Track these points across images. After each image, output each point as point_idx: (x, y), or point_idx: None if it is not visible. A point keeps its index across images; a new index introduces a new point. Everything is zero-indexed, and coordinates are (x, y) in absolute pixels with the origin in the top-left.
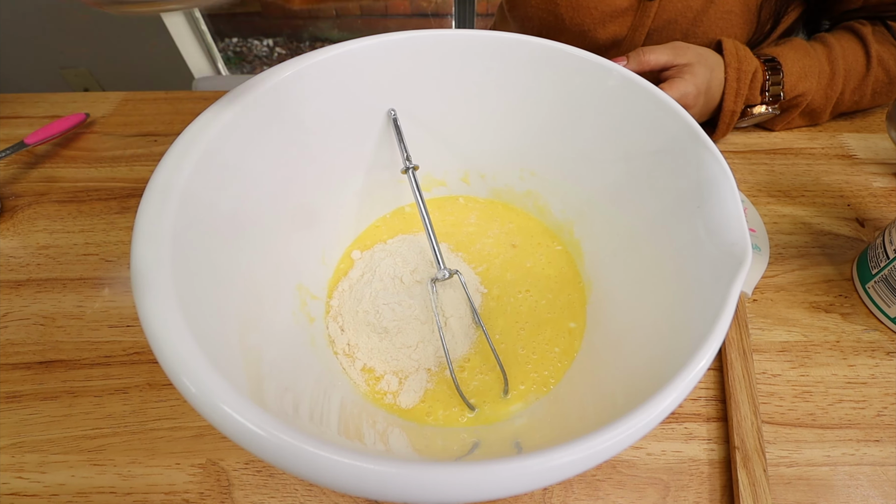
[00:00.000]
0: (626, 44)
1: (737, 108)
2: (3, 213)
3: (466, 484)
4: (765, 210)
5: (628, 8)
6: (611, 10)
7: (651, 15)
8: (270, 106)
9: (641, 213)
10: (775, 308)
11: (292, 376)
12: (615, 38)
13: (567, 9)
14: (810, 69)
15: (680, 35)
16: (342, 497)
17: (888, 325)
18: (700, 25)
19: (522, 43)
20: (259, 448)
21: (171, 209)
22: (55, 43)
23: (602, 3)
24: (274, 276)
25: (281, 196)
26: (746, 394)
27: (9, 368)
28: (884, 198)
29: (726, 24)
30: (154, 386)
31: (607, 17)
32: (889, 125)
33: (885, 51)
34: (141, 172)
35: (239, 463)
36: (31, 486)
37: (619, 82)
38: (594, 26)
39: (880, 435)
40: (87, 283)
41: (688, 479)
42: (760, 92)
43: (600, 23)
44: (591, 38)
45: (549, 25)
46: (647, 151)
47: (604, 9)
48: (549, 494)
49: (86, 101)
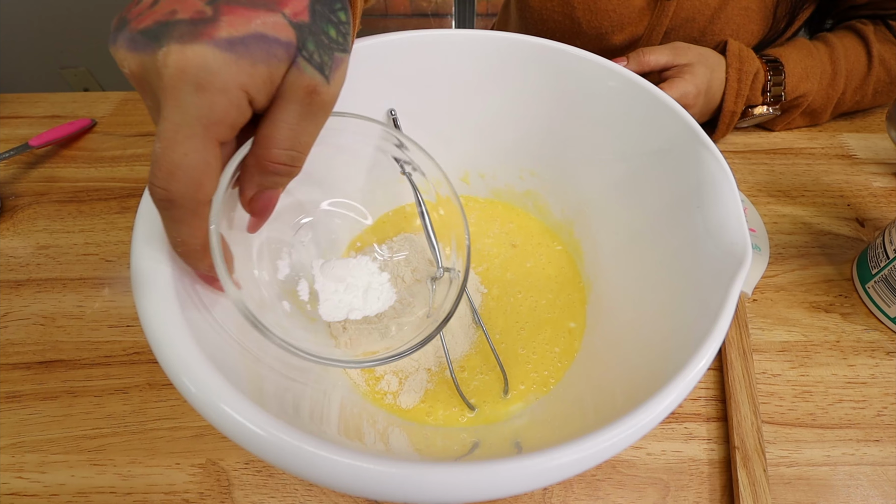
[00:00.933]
0: (642, 45)
1: (737, 108)
2: (4, 213)
3: (466, 484)
4: (765, 210)
5: (645, 8)
6: (628, 12)
7: (668, 14)
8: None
9: (641, 212)
10: (775, 308)
11: (292, 376)
12: (632, 40)
13: (584, 12)
14: (812, 70)
15: (697, 33)
16: (342, 497)
17: (888, 325)
18: (717, 23)
19: (522, 43)
20: (259, 448)
21: None
22: (55, 43)
23: (620, 5)
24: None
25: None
26: (746, 394)
27: (9, 368)
28: (884, 198)
29: (743, 21)
30: (154, 386)
31: (625, 19)
32: (889, 125)
33: (887, 50)
34: (141, 172)
35: (239, 463)
36: (31, 486)
37: (619, 82)
38: (611, 29)
39: (880, 435)
40: (87, 283)
41: (688, 479)
42: (761, 92)
43: (618, 25)
44: (608, 40)
45: (565, 29)
46: (647, 151)
47: (622, 11)
48: (549, 494)
49: (86, 101)
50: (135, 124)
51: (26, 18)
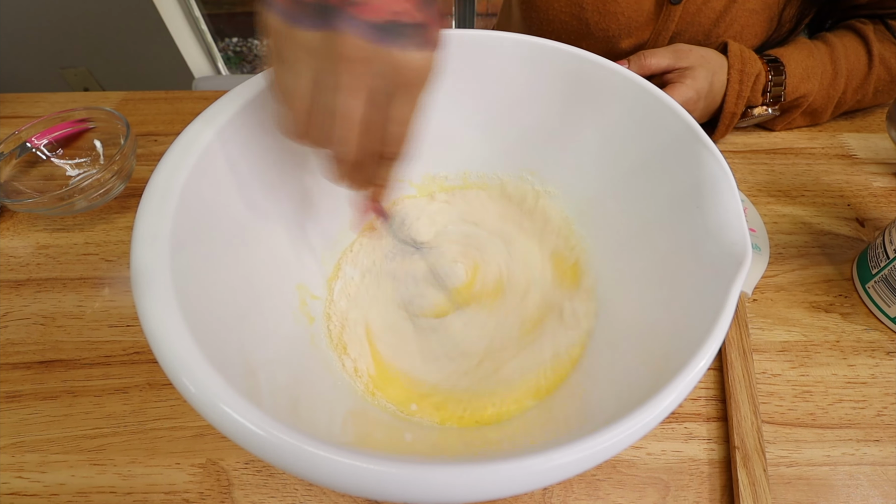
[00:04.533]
0: (648, 48)
1: (737, 109)
2: (3, 213)
3: (466, 484)
4: (765, 210)
5: (653, 12)
6: (637, 16)
7: (675, 19)
8: (270, 106)
9: (641, 212)
10: (775, 308)
11: (292, 376)
12: (638, 44)
13: (594, 13)
14: (813, 70)
15: (702, 36)
16: (342, 497)
17: (888, 325)
18: (722, 24)
19: (522, 43)
20: (259, 448)
21: (170, 209)
22: (55, 43)
23: (629, 7)
24: (273, 276)
25: (280, 195)
26: (746, 394)
27: (9, 368)
28: (884, 198)
29: (748, 23)
30: (154, 386)
31: (633, 22)
32: (889, 125)
33: (887, 49)
34: (141, 172)
35: (239, 463)
36: (31, 486)
37: (620, 82)
38: (619, 32)
39: (880, 435)
40: (87, 283)
41: (688, 479)
42: (762, 93)
43: (626, 29)
44: (616, 43)
45: (573, 30)
46: (648, 151)
47: (630, 14)
48: (549, 494)
49: (86, 101)
50: (135, 124)
51: (26, 18)
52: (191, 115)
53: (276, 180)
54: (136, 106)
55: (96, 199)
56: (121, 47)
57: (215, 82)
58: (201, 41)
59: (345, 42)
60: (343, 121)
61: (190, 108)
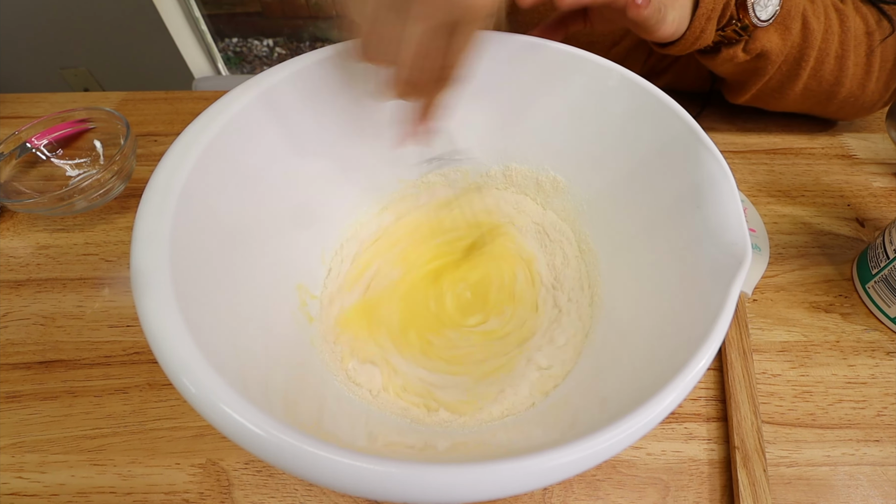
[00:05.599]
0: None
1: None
2: (3, 213)
3: (466, 484)
4: (765, 210)
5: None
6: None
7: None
8: (270, 106)
9: (641, 212)
10: (775, 308)
11: (292, 376)
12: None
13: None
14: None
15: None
16: (342, 497)
17: (888, 325)
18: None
19: (522, 42)
20: (259, 448)
21: (170, 209)
22: (55, 43)
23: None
24: (273, 276)
25: (280, 195)
26: (746, 394)
27: (9, 368)
28: (884, 198)
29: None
30: (154, 386)
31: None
32: (889, 125)
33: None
34: (141, 172)
35: (239, 463)
36: (31, 486)
37: (619, 82)
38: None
39: (880, 435)
40: (87, 283)
41: (688, 479)
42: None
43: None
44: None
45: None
46: (647, 151)
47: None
48: (549, 494)
49: (86, 102)
50: (135, 124)
51: (26, 18)
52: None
53: (275, 179)
54: (136, 106)
55: (96, 199)
56: (121, 47)
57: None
58: (201, 41)
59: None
60: (409, 45)
61: (190, 108)
